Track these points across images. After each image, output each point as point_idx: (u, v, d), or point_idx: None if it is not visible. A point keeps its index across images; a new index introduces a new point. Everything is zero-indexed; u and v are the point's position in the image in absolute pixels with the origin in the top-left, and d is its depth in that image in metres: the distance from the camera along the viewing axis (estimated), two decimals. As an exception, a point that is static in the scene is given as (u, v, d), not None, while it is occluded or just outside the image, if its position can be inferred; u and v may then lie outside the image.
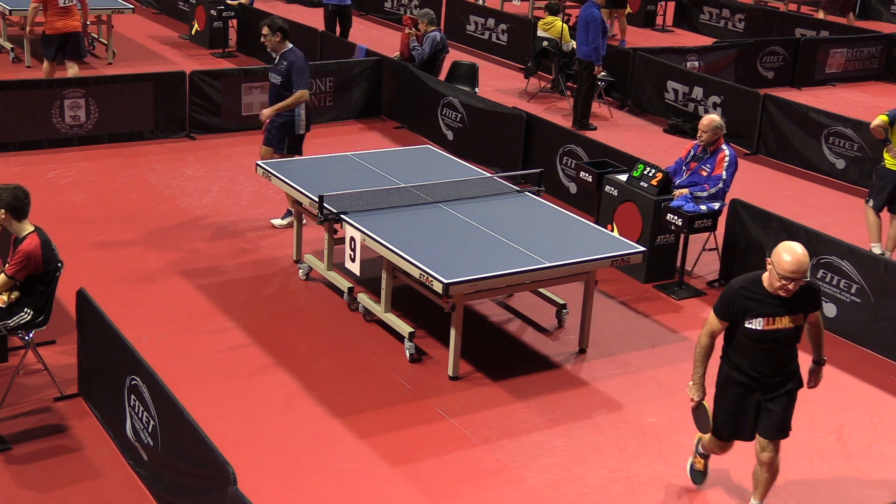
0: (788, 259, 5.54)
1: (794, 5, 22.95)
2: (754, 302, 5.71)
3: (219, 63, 16.03)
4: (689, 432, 7.15)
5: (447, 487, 6.41)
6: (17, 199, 6.68)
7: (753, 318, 5.71)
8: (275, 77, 9.84)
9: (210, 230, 9.96)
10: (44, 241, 6.71)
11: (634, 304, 9.07)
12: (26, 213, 6.75)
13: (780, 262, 5.56)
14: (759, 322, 5.70)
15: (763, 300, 5.70)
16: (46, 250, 6.70)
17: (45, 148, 11.92)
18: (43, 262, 6.67)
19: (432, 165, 9.54)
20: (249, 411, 7.04)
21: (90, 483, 6.23)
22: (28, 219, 6.77)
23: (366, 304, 8.34)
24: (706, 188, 9.21)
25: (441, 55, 13.85)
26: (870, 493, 6.66)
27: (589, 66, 13.77)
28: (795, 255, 5.55)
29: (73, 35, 13.13)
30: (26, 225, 6.74)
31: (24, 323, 6.70)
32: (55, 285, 6.84)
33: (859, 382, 8.02)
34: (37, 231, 6.73)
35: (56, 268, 6.79)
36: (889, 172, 9.93)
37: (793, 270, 5.54)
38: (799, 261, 5.53)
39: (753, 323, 5.71)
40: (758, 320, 5.71)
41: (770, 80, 16.97)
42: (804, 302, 5.77)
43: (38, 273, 6.68)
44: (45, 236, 6.75)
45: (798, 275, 5.55)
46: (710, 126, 9.32)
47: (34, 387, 7.11)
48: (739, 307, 5.73)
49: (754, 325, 5.71)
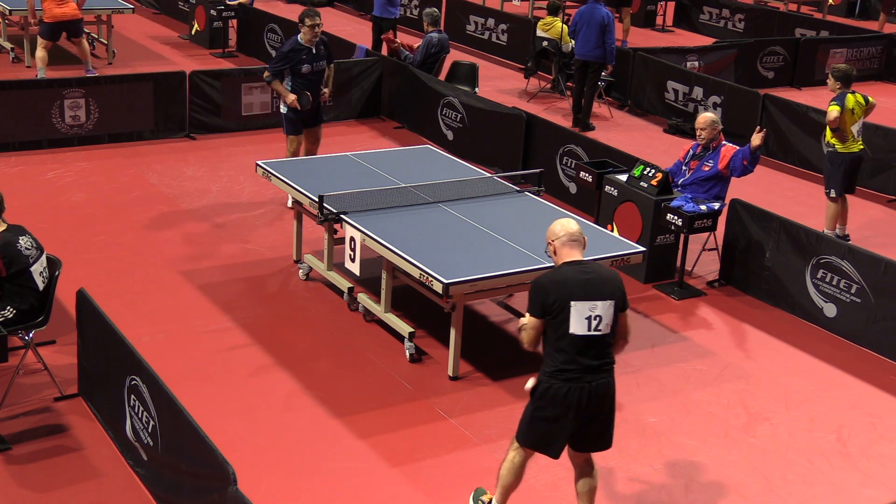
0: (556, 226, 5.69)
1: (794, 5, 22.96)
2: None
3: (219, 63, 16.03)
4: (689, 432, 7.16)
5: (447, 487, 6.41)
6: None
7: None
8: (320, 63, 10.21)
9: (210, 230, 9.96)
10: (5, 244, 6.62)
11: (634, 304, 9.05)
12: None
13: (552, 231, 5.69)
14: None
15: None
16: (7, 252, 6.60)
17: (45, 148, 11.92)
18: (4, 263, 6.60)
19: (432, 165, 9.54)
20: (249, 411, 7.04)
21: (90, 483, 6.23)
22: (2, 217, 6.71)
23: (366, 304, 8.34)
24: (744, 163, 9.12)
25: (441, 55, 13.85)
26: (870, 493, 6.66)
27: (599, 67, 13.75)
28: (558, 222, 5.72)
29: (71, 22, 13.93)
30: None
31: (6, 320, 6.63)
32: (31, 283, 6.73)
33: (859, 382, 8.03)
34: (1, 234, 6.65)
35: (25, 267, 6.67)
36: (842, 156, 10.29)
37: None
38: (563, 224, 5.69)
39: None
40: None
41: (770, 80, 16.98)
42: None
43: (1, 275, 6.62)
44: (8, 238, 6.65)
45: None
46: (707, 123, 9.32)
47: (34, 387, 7.11)
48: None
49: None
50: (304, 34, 10.06)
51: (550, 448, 5.67)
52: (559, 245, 5.66)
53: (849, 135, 10.24)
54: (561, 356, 5.48)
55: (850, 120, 10.20)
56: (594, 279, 5.51)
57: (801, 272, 8.94)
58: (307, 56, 10.07)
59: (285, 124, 10.33)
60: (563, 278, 5.51)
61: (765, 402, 7.63)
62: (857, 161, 10.45)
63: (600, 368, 5.54)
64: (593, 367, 5.51)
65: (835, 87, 10.34)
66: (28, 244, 6.75)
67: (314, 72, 10.17)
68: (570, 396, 5.49)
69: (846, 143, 10.26)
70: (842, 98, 10.19)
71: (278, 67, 10.07)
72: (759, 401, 7.63)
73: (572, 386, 5.48)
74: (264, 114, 13.23)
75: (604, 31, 13.50)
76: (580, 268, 5.55)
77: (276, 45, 16.21)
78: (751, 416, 7.42)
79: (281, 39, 16.08)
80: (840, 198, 10.46)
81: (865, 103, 10.34)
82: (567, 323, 5.44)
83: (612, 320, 5.53)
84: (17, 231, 6.78)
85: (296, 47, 10.06)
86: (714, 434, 7.17)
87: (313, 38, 10.04)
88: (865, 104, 10.34)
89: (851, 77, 10.36)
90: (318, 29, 10.06)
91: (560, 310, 5.44)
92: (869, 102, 10.39)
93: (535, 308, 5.52)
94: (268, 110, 13.24)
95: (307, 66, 10.08)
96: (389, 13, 15.86)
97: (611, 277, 5.61)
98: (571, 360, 5.47)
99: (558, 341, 5.49)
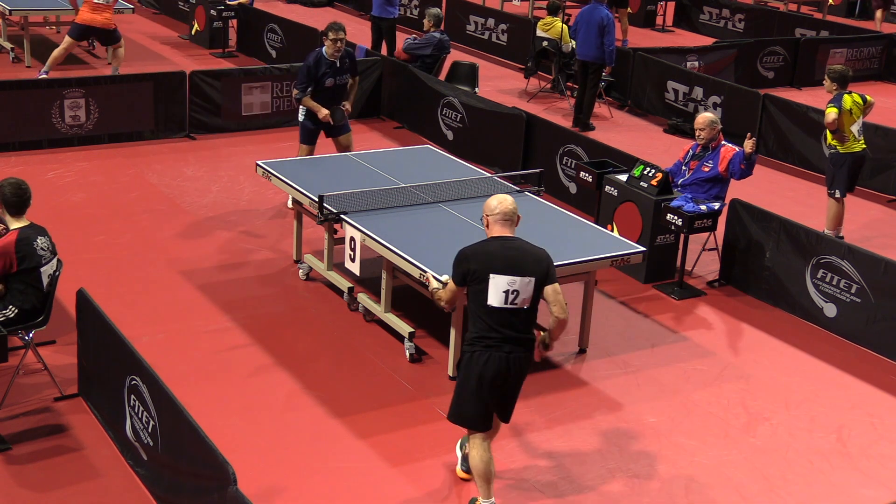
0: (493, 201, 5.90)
1: (794, 5, 22.95)
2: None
3: (219, 63, 16.03)
4: (689, 432, 7.16)
5: (447, 487, 6.41)
6: (16, 194, 6.67)
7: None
8: (344, 77, 10.20)
9: (210, 230, 9.96)
10: (21, 239, 6.62)
11: (634, 304, 9.08)
12: (23, 210, 6.73)
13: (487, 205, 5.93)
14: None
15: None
16: (22, 247, 6.60)
17: (45, 148, 11.92)
18: (17, 259, 6.58)
19: (432, 165, 9.54)
20: (249, 411, 7.04)
21: (90, 483, 6.23)
22: (25, 216, 6.74)
23: (366, 304, 8.34)
24: (741, 167, 9.14)
25: (441, 55, 13.86)
26: (870, 493, 6.66)
27: (599, 68, 13.76)
28: (496, 197, 5.92)
29: (102, 30, 14.08)
30: (19, 221, 6.71)
31: (6, 320, 6.64)
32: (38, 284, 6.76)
33: (859, 382, 8.03)
34: (21, 228, 6.67)
35: (36, 266, 6.69)
36: (843, 157, 10.31)
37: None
38: (500, 201, 5.89)
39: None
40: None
41: (770, 80, 16.97)
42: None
43: (11, 271, 6.62)
44: (28, 234, 6.66)
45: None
46: (706, 122, 9.33)
47: (34, 387, 7.11)
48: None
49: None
50: (327, 47, 10.02)
51: (480, 421, 5.92)
52: (492, 220, 5.92)
53: (848, 135, 10.24)
54: (482, 325, 5.79)
55: (848, 121, 10.21)
56: (517, 255, 5.77)
57: (801, 272, 8.94)
58: (331, 70, 10.03)
59: (300, 132, 10.31)
60: (487, 251, 5.80)
61: (765, 402, 7.63)
62: (860, 161, 10.46)
63: (518, 341, 5.80)
64: (511, 338, 5.77)
65: (831, 89, 10.35)
66: (44, 245, 6.76)
67: (337, 85, 10.15)
68: (489, 364, 5.77)
69: (846, 143, 10.27)
70: (838, 99, 10.20)
71: (305, 84, 10.02)
72: (759, 401, 7.64)
73: (492, 353, 5.77)
74: (264, 114, 13.23)
75: (602, 32, 13.50)
76: (506, 243, 5.82)
77: (275, 45, 16.23)
78: (751, 416, 7.42)
79: (281, 39, 16.09)
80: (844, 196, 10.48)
81: (864, 103, 10.35)
82: (485, 294, 5.73)
83: (531, 297, 5.78)
84: (38, 230, 6.78)
85: (319, 61, 10.02)
86: (714, 434, 7.17)
87: (336, 52, 9.99)
88: (864, 104, 10.35)
89: (847, 78, 10.36)
90: (341, 44, 9.96)
91: (479, 280, 5.75)
92: (867, 101, 10.40)
93: (456, 275, 5.91)
94: (268, 110, 13.24)
95: (330, 80, 10.07)
96: (388, 13, 15.85)
97: (536, 255, 5.85)
98: (491, 328, 5.76)
99: (478, 310, 5.80)
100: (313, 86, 10.02)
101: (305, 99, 10.01)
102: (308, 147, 10.25)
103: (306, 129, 10.24)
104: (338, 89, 10.18)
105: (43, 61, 14.47)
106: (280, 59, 15.77)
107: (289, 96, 13.19)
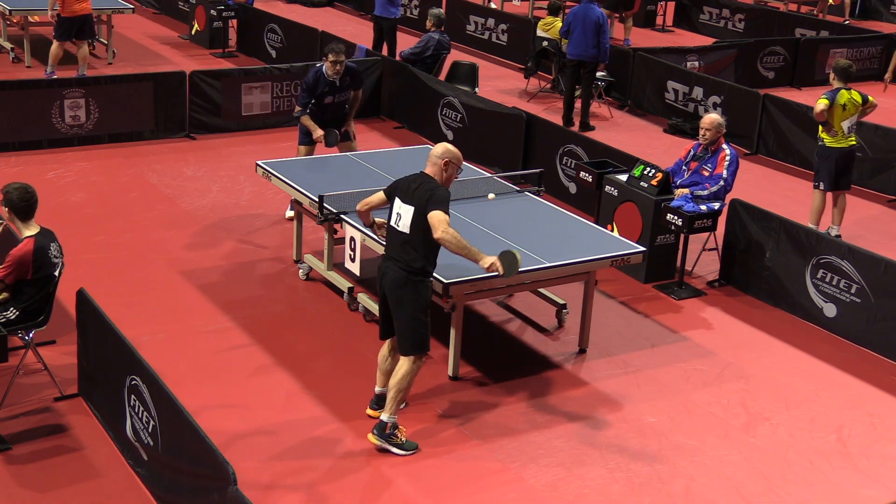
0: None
1: (794, 5, 22.95)
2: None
3: (219, 63, 16.03)
4: (689, 432, 7.16)
5: (447, 487, 6.41)
6: (24, 199, 6.68)
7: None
8: (344, 94, 10.20)
9: (210, 230, 9.96)
10: (38, 248, 6.64)
11: (634, 304, 9.08)
12: (32, 215, 6.74)
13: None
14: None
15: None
16: (39, 256, 6.63)
17: (45, 148, 11.92)
18: (33, 268, 6.62)
19: (432, 165, 9.52)
20: (249, 411, 7.04)
21: (90, 483, 6.23)
22: (34, 219, 6.76)
23: (366, 304, 8.33)
24: (707, 187, 9.22)
25: (441, 55, 13.85)
26: (870, 493, 6.66)
27: (595, 66, 13.76)
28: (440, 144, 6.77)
29: (87, 17, 14.16)
30: (30, 227, 6.72)
31: (7, 321, 6.65)
32: (49, 289, 6.80)
33: (859, 382, 8.02)
34: (36, 236, 6.69)
35: (50, 274, 6.73)
36: (830, 150, 10.32)
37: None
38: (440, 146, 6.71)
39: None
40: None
41: (770, 80, 16.97)
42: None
43: (26, 278, 6.64)
44: (43, 242, 6.68)
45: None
46: (713, 124, 9.34)
47: (34, 387, 7.11)
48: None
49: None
50: (327, 68, 9.99)
51: (380, 325, 6.84)
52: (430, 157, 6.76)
53: (837, 130, 10.23)
54: (386, 240, 6.82)
55: (840, 115, 10.19)
56: (415, 188, 6.56)
57: (801, 272, 8.94)
58: (329, 88, 10.01)
59: (300, 132, 10.29)
60: (402, 180, 6.71)
61: (765, 402, 7.63)
62: (848, 157, 10.41)
63: (396, 259, 6.59)
64: (392, 256, 6.63)
65: (832, 81, 10.36)
66: (56, 251, 6.79)
67: (336, 102, 10.15)
68: (378, 272, 6.71)
69: (835, 138, 10.26)
70: (833, 93, 10.20)
71: (305, 101, 10.02)
72: (759, 401, 7.64)
73: (381, 265, 6.72)
74: (264, 114, 13.23)
75: (599, 30, 13.51)
76: (417, 178, 6.65)
77: (275, 44, 16.23)
78: (751, 416, 7.42)
79: (281, 39, 16.10)
80: (829, 192, 10.44)
81: (864, 102, 10.33)
82: (389, 214, 6.73)
83: (412, 223, 6.51)
84: (49, 236, 6.79)
85: (318, 80, 10.00)
86: (714, 434, 7.17)
87: (335, 73, 9.97)
88: (863, 103, 10.33)
89: (850, 73, 10.36)
90: (340, 66, 9.89)
91: (391, 201, 6.75)
92: (868, 102, 10.38)
93: (386, 189, 6.91)
94: (268, 110, 13.24)
95: (329, 98, 10.07)
96: (390, 13, 15.85)
97: (426, 190, 6.51)
98: (386, 245, 6.79)
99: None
100: (313, 101, 10.03)
101: (304, 118, 10.01)
102: (307, 148, 10.24)
103: (304, 131, 10.24)
104: (337, 105, 10.18)
105: (43, 61, 14.48)
106: (280, 59, 15.77)
107: (289, 96, 13.20)
